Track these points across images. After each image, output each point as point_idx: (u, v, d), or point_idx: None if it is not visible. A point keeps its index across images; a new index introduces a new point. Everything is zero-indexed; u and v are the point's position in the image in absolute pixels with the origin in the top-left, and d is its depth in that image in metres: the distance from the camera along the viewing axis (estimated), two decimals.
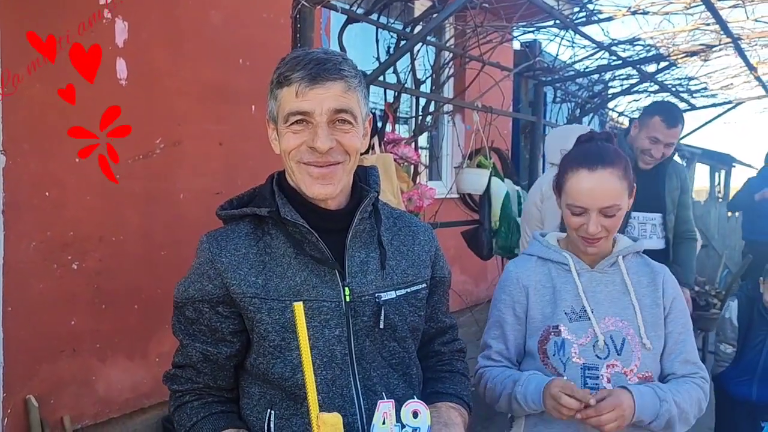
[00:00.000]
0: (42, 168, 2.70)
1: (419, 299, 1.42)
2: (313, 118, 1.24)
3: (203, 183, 3.33)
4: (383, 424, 1.17)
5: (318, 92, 1.23)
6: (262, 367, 1.31)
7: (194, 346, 1.33)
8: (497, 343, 1.84)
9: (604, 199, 1.68)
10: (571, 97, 6.24)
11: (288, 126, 1.27)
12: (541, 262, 1.86)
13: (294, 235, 1.31)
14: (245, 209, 1.35)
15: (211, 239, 1.33)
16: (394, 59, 3.00)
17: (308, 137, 1.25)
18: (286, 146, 1.28)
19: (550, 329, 1.76)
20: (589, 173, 1.69)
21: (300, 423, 1.29)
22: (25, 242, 2.67)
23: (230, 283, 1.28)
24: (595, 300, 1.77)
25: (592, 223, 1.69)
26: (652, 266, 1.86)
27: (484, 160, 3.92)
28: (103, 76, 2.91)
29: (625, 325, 1.74)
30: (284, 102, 1.26)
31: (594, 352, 1.72)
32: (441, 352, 1.54)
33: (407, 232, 1.46)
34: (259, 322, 1.28)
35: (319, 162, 1.26)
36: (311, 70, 1.23)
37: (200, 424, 1.33)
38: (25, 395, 2.70)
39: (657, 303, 1.78)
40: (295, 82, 1.24)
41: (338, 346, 1.30)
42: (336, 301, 1.30)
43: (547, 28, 4.63)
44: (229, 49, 3.48)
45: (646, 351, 1.72)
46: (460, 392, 1.48)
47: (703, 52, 4.84)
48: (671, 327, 1.79)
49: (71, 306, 2.86)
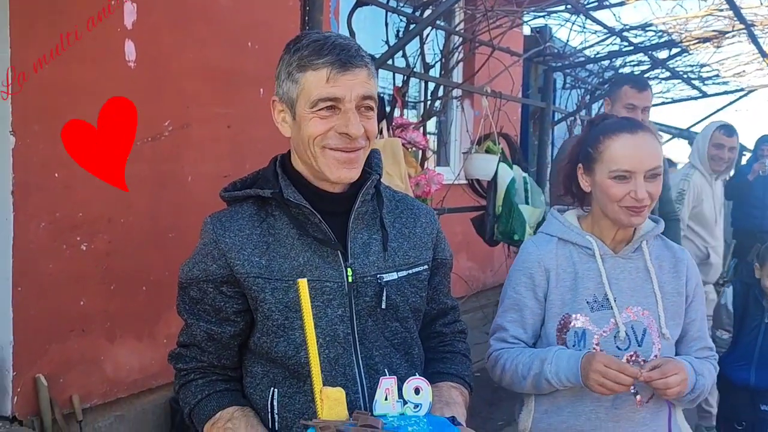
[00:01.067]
0: (51, 149, 2.71)
1: (421, 280, 1.43)
2: (343, 104, 1.25)
3: (211, 166, 3.34)
4: (385, 400, 1.17)
5: (348, 78, 1.24)
6: (265, 346, 1.32)
7: (199, 326, 1.35)
8: (515, 327, 1.78)
9: (651, 160, 1.63)
10: (581, 84, 6.20)
11: (315, 111, 1.26)
12: (562, 243, 1.78)
13: (297, 217, 1.32)
14: (248, 191, 1.36)
15: (215, 220, 1.35)
16: (404, 43, 2.99)
17: (337, 123, 1.25)
18: (312, 131, 1.27)
19: (570, 318, 1.72)
20: (631, 136, 1.65)
21: (303, 400, 1.31)
22: (35, 223, 2.69)
23: (234, 263, 1.30)
24: (618, 288, 1.73)
25: (641, 188, 1.62)
26: (674, 251, 1.82)
27: (493, 146, 3.90)
28: (112, 58, 2.91)
29: (646, 315, 1.71)
30: (311, 87, 1.25)
31: (615, 343, 1.68)
32: (443, 333, 1.55)
33: (409, 214, 1.47)
34: (263, 301, 1.30)
35: (348, 147, 1.27)
36: (340, 56, 1.23)
37: (205, 401, 1.35)
38: (35, 374, 2.73)
39: (679, 292, 1.76)
40: (324, 67, 1.23)
41: (341, 325, 1.31)
42: (338, 281, 1.31)
43: (558, 13, 4.60)
44: (238, 31, 3.47)
45: (665, 341, 1.71)
46: (461, 372, 1.50)
47: (716, 38, 4.79)
48: (693, 315, 1.78)
49: (80, 286, 2.88)
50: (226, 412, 1.32)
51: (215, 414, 1.32)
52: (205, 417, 1.33)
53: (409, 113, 4.54)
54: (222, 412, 1.32)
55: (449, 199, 3.84)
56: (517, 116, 6.11)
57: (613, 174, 1.65)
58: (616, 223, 1.70)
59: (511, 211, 3.77)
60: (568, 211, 1.86)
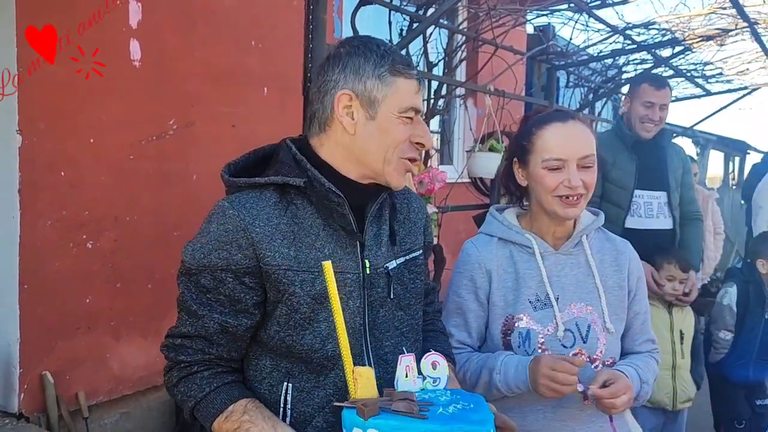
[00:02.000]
0: (58, 148, 2.73)
1: (418, 265, 1.46)
2: (417, 115, 1.35)
3: (216, 164, 3.29)
4: (406, 377, 1.20)
5: (420, 94, 1.37)
6: (288, 340, 1.29)
7: (211, 317, 1.28)
8: (459, 331, 1.76)
9: (582, 148, 1.63)
10: (584, 82, 6.20)
11: (402, 116, 1.31)
12: (502, 243, 1.76)
13: (326, 206, 1.30)
14: (275, 178, 1.30)
15: (239, 206, 1.28)
16: (407, 42, 2.99)
17: (415, 132, 1.33)
18: (400, 137, 1.32)
19: (513, 318, 1.69)
20: (562, 124, 1.65)
21: (323, 395, 1.30)
22: (42, 221, 2.71)
23: (264, 254, 1.26)
24: (560, 285, 1.71)
25: (574, 176, 1.61)
26: (615, 243, 1.81)
27: (496, 144, 3.91)
28: (118, 57, 2.93)
29: (590, 311, 1.70)
30: (405, 93, 1.32)
31: (560, 341, 1.67)
32: (426, 312, 1.59)
33: (403, 200, 1.50)
34: (292, 294, 1.27)
35: (417, 157, 1.36)
36: (413, 68, 1.35)
37: (213, 394, 1.29)
38: (41, 371, 2.75)
39: (621, 285, 1.75)
40: (415, 78, 1.33)
41: (358, 317, 1.33)
42: (357, 272, 1.33)
43: (561, 12, 4.60)
44: (242, 31, 3.48)
45: (609, 335, 1.70)
46: (447, 350, 1.54)
47: (719, 36, 4.79)
48: (637, 308, 1.78)
49: (86, 284, 2.90)
50: (239, 404, 1.27)
51: (227, 407, 1.27)
52: (216, 411, 1.28)
53: None
54: (235, 405, 1.27)
55: (453, 198, 3.85)
56: (520, 115, 6.09)
57: (546, 164, 1.64)
58: (553, 216, 1.69)
59: None
60: (507, 210, 1.84)
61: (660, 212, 3.35)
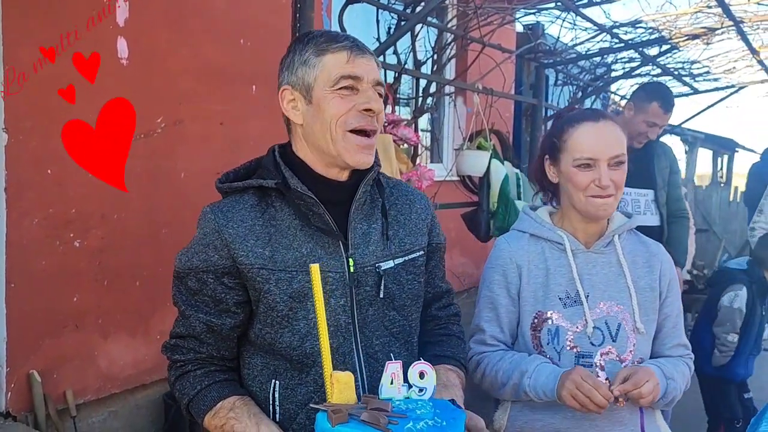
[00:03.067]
0: (44, 146, 2.72)
1: (417, 266, 1.45)
2: (361, 84, 1.31)
3: (204, 162, 3.35)
4: (391, 384, 1.19)
5: (365, 62, 1.32)
6: (269, 338, 1.33)
7: (197, 317, 1.34)
8: (491, 326, 1.76)
9: (613, 147, 1.65)
10: (573, 80, 6.23)
11: (336, 89, 1.30)
12: (534, 240, 1.77)
13: (300, 207, 1.33)
14: (250, 181, 1.36)
15: (216, 210, 1.34)
16: (394, 39, 3.01)
17: (359, 100, 1.30)
18: (336, 110, 1.30)
19: (542, 315, 1.70)
20: (594, 123, 1.67)
21: (304, 392, 1.32)
22: (28, 219, 2.70)
23: (238, 254, 1.30)
24: (591, 283, 1.71)
25: (604, 175, 1.63)
26: (648, 245, 1.81)
27: (484, 142, 3.93)
28: (105, 55, 2.92)
29: (620, 309, 1.70)
30: (332, 66, 1.30)
31: (589, 339, 1.67)
32: (438, 317, 1.58)
33: (404, 200, 1.49)
34: (267, 292, 1.30)
35: (368, 126, 1.31)
36: (354, 42, 1.33)
37: (204, 392, 1.34)
38: (29, 370, 2.74)
39: (653, 287, 1.74)
40: (343, 49, 1.30)
41: (343, 315, 1.33)
42: (340, 271, 1.33)
43: (549, 10, 4.62)
44: (230, 29, 3.48)
45: (639, 336, 1.69)
46: (457, 354, 1.52)
47: (705, 35, 4.83)
48: (668, 311, 1.76)
49: (74, 282, 2.89)
50: (228, 401, 1.32)
51: (216, 404, 1.32)
52: (206, 408, 1.33)
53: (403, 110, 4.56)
54: (223, 402, 1.32)
55: (443, 196, 3.86)
56: (510, 113, 6.14)
57: (577, 162, 1.66)
58: (585, 215, 1.70)
59: (508, 206, 3.80)
60: (540, 208, 1.86)
61: (647, 209, 3.39)
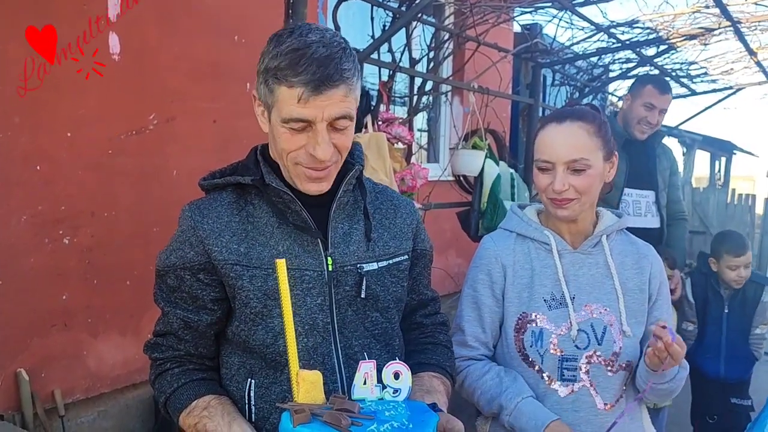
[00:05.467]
0: (33, 142, 2.69)
1: (401, 270, 1.43)
2: (315, 124, 1.22)
3: (196, 160, 3.32)
4: (364, 384, 1.17)
5: (321, 101, 1.19)
6: (243, 335, 1.32)
7: (175, 314, 1.35)
8: (472, 326, 1.74)
9: (569, 152, 1.58)
10: (570, 80, 6.21)
11: (286, 126, 1.23)
12: (520, 239, 1.74)
13: (277, 205, 1.32)
14: (228, 178, 1.36)
15: (193, 207, 1.35)
16: (387, 36, 2.98)
17: (308, 143, 1.24)
18: (285, 146, 1.25)
19: (527, 317, 1.67)
20: (557, 125, 1.62)
21: (279, 390, 1.31)
22: (16, 217, 2.67)
23: (212, 249, 1.30)
24: (577, 285, 1.68)
25: (558, 179, 1.58)
26: (638, 246, 1.78)
27: (480, 142, 3.90)
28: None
29: (606, 312, 1.67)
30: (283, 103, 1.22)
31: (573, 342, 1.64)
32: (423, 324, 1.55)
33: (389, 205, 1.47)
34: (241, 289, 1.29)
35: (318, 168, 1.26)
36: (315, 75, 1.18)
37: (180, 390, 1.34)
38: (16, 369, 2.71)
39: (642, 289, 1.71)
40: (297, 86, 1.19)
41: (320, 314, 1.31)
42: (318, 270, 1.32)
43: (545, 9, 4.60)
44: (224, 25, 3.45)
45: (626, 338, 1.66)
46: (442, 363, 1.49)
47: (703, 35, 4.80)
48: (657, 313, 1.74)
49: (63, 281, 2.86)
50: (203, 400, 1.32)
51: (191, 402, 1.32)
52: (181, 406, 1.33)
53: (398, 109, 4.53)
54: (198, 401, 1.32)
55: (439, 195, 3.84)
56: (507, 113, 6.11)
57: (537, 164, 1.64)
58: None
59: (496, 206, 3.78)
60: (528, 207, 1.82)
61: (648, 211, 3.38)
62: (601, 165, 1.63)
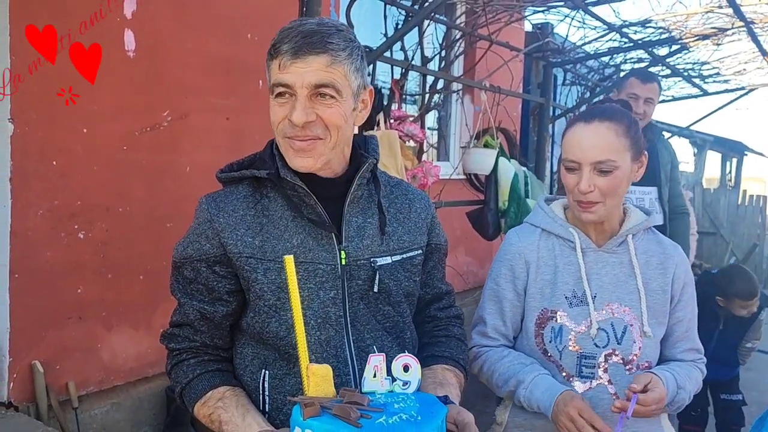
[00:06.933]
0: (49, 137, 2.72)
1: (414, 265, 1.44)
2: (295, 91, 1.25)
3: (209, 156, 3.35)
4: (374, 377, 1.18)
5: (299, 66, 1.23)
6: (257, 327, 1.34)
7: (192, 305, 1.36)
8: (493, 318, 1.74)
9: (595, 152, 1.57)
10: (582, 80, 6.20)
11: (274, 98, 1.29)
12: (545, 235, 1.73)
13: (292, 198, 1.33)
14: (245, 171, 1.37)
15: (210, 200, 1.36)
16: (400, 34, 3.00)
17: (289, 111, 1.27)
18: (274, 118, 1.30)
19: (547, 312, 1.67)
20: (584, 125, 1.61)
21: (293, 382, 1.32)
22: (33, 210, 2.70)
23: (227, 242, 1.31)
24: (600, 283, 1.67)
25: (584, 180, 1.57)
26: (665, 246, 1.76)
27: (491, 140, 3.91)
28: (112, 47, 2.92)
29: (628, 311, 1.66)
30: (271, 73, 1.29)
31: (593, 340, 1.64)
32: (437, 318, 1.56)
33: (404, 199, 1.48)
34: (255, 281, 1.31)
35: (298, 136, 1.27)
36: (296, 44, 1.23)
37: (196, 381, 1.36)
38: (31, 360, 2.75)
39: (665, 289, 1.70)
40: (280, 54, 1.25)
41: (333, 308, 1.33)
42: (332, 264, 1.33)
43: (557, 8, 4.60)
44: (238, 22, 3.48)
45: (647, 339, 1.65)
46: (455, 355, 1.50)
47: (716, 35, 4.79)
48: (681, 314, 1.73)
49: (78, 274, 2.89)
50: (217, 391, 1.33)
51: (206, 393, 1.33)
52: (196, 396, 1.34)
53: (410, 107, 4.55)
54: (213, 392, 1.33)
55: (450, 194, 3.85)
56: (517, 112, 6.11)
57: (564, 164, 1.63)
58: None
59: (520, 204, 3.78)
60: (555, 201, 1.81)
61: (651, 208, 3.38)
62: (628, 166, 1.62)
